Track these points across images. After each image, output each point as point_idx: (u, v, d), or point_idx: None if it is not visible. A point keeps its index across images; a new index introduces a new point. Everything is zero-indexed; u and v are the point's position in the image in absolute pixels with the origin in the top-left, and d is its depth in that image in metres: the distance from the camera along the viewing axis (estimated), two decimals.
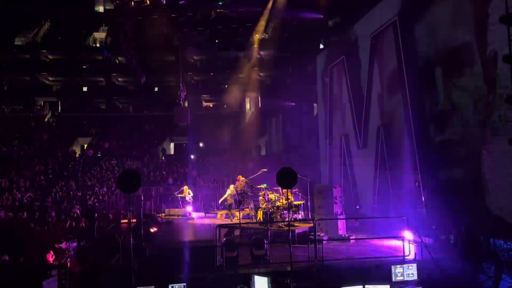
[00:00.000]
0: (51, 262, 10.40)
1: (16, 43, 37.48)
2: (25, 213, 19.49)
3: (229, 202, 17.62)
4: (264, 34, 27.76)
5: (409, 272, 8.69)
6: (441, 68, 12.46)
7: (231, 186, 17.87)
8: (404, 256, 9.57)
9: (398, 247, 10.18)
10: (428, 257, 9.73)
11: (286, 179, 8.03)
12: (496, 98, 10.46)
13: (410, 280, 8.59)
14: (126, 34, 24.97)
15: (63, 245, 11.42)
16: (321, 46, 22.82)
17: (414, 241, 10.42)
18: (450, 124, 12.10)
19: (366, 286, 8.37)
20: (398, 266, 8.76)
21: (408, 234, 10.21)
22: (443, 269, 9.36)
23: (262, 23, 25.95)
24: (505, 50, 9.61)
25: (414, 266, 8.78)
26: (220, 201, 18.65)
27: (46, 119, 37.20)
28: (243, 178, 15.83)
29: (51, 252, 10.83)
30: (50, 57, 38.15)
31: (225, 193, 17.84)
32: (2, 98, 37.45)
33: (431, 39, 12.89)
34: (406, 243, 9.89)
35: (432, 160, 12.73)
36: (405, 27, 13.90)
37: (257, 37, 28.07)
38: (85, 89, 39.43)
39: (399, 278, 8.62)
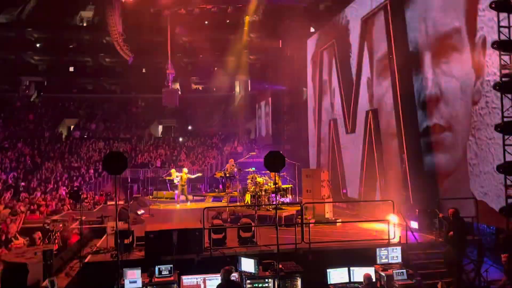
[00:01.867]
0: (38, 242, 10.39)
1: (0, 21, 36.57)
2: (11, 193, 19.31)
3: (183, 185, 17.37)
4: (255, 16, 27.41)
5: (394, 255, 8.87)
6: (430, 53, 12.50)
7: (185, 169, 17.94)
8: (389, 239, 9.72)
9: (383, 230, 10.32)
10: (412, 240, 9.91)
11: (274, 162, 8.05)
12: (484, 84, 10.56)
13: (394, 263, 8.76)
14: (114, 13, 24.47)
15: (50, 226, 11.40)
16: (312, 30, 22.64)
17: (399, 225, 10.59)
18: (437, 110, 12.20)
19: (351, 268, 8.52)
20: (383, 249, 8.92)
21: (393, 218, 10.36)
22: (427, 252, 9.56)
23: (252, 4, 25.61)
24: (494, 36, 9.68)
25: (399, 249, 8.95)
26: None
27: (32, 99, 36.65)
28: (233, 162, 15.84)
29: (39, 233, 10.81)
30: (36, 35, 37.37)
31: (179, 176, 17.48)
32: None
33: (421, 24, 12.89)
34: (392, 226, 10.03)
35: (419, 145, 12.86)
36: (396, 11, 13.86)
37: (247, 18, 27.72)
38: (71, 69, 38.80)
39: (384, 261, 8.79)
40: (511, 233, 9.10)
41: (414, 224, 10.80)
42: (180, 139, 33.40)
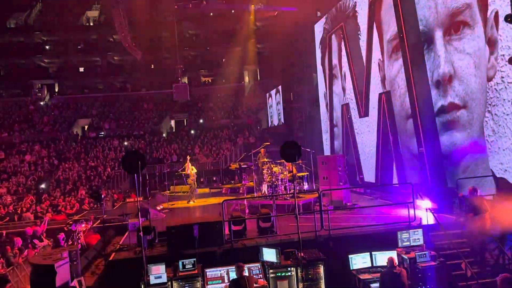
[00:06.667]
0: (62, 243, 10.57)
1: (9, 26, 36.96)
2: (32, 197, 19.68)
3: (191, 180, 15.95)
4: (260, 4, 27.18)
5: (415, 237, 8.82)
6: (442, 31, 12.29)
7: (189, 164, 16.30)
8: (409, 221, 9.67)
9: (403, 213, 10.27)
10: (433, 221, 9.85)
11: (290, 153, 8.01)
12: (498, 59, 10.37)
13: (416, 245, 8.72)
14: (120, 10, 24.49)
15: (73, 227, 11.59)
16: (318, 14, 22.37)
17: (419, 207, 10.51)
18: (452, 88, 12.03)
19: (373, 252, 8.53)
20: (404, 231, 8.87)
21: (413, 200, 10.28)
22: (449, 233, 9.49)
23: None
24: (507, 9, 9.46)
25: (420, 231, 8.90)
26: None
27: (45, 102, 37.10)
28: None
29: (62, 234, 11.00)
30: (44, 38, 37.68)
31: (190, 171, 15.96)
32: None
33: (430, 1, 12.65)
34: (411, 209, 9.97)
35: (435, 125, 12.72)
36: None
37: (252, 7, 27.52)
38: (81, 69, 39.08)
39: (406, 244, 8.74)
40: None
41: (434, 205, 10.72)
42: (192, 132, 33.50)
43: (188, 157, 17.76)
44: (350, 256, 8.52)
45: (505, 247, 8.87)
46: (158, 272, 7.98)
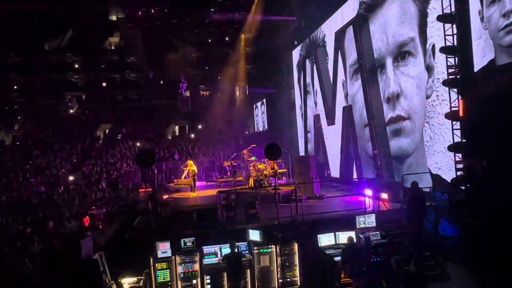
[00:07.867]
0: (87, 225, 10.46)
1: (45, 48, 36.43)
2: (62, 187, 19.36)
3: (191, 175, 14.66)
4: (249, 33, 27.23)
5: (369, 221, 8.93)
6: (391, 59, 12.52)
7: (191, 161, 15.22)
8: (365, 208, 9.79)
9: (360, 201, 10.39)
10: (383, 208, 10.00)
11: (272, 152, 8.08)
12: (435, 81, 10.61)
13: (370, 227, 8.85)
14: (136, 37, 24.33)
15: (95, 212, 11.48)
16: (295, 43, 22.52)
17: (373, 196, 10.66)
18: (399, 103, 12.25)
19: (336, 233, 8.62)
20: (361, 216, 8.99)
21: (368, 191, 10.44)
22: (395, 217, 9.65)
23: (247, 24, 25.46)
24: (442, 43, 9.71)
25: (373, 216, 9.02)
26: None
27: (73, 110, 36.65)
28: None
29: (87, 217, 10.88)
30: (74, 58, 37.21)
31: (190, 170, 14.62)
32: (37, 94, 36.63)
33: (382, 35, 12.88)
34: (367, 198, 10.11)
35: (385, 132, 12.93)
36: (362, 26, 13.86)
37: (243, 36, 27.61)
38: (104, 84, 38.69)
39: (362, 226, 8.86)
40: (460, 199, 9.23)
41: (384, 195, 10.88)
42: (192, 136, 33.39)
43: (188, 161, 17.36)
44: (318, 235, 8.59)
45: (438, 228, 9.07)
46: (164, 248, 7.97)
